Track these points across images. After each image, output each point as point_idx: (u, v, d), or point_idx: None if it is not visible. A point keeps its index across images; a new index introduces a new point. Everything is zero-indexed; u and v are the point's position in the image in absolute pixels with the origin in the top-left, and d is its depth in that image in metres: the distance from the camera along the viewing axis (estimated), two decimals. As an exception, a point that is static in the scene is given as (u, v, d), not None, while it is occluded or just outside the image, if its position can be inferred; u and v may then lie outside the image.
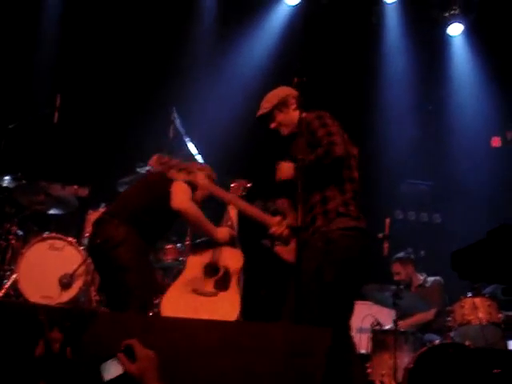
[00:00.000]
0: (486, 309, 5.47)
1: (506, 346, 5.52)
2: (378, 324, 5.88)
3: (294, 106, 4.17)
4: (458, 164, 8.02)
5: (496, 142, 7.95)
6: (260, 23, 8.22)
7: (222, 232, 4.65)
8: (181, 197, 4.36)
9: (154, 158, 4.30)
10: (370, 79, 8.05)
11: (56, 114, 6.39)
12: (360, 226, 3.83)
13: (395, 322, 5.50)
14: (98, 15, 7.76)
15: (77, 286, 5.61)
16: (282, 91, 4.26)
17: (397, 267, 6.53)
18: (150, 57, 7.79)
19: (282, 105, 4.20)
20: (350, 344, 3.87)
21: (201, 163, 5.14)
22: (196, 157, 6.00)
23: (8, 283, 5.62)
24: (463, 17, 8.00)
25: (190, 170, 4.30)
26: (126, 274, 4.13)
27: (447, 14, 8.08)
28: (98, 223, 4.39)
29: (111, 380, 2.25)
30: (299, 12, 8.26)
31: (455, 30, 8.16)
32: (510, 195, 7.33)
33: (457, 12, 8.02)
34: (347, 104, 7.56)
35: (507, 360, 5.00)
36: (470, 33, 8.17)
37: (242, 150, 7.49)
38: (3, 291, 5.55)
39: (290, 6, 8.29)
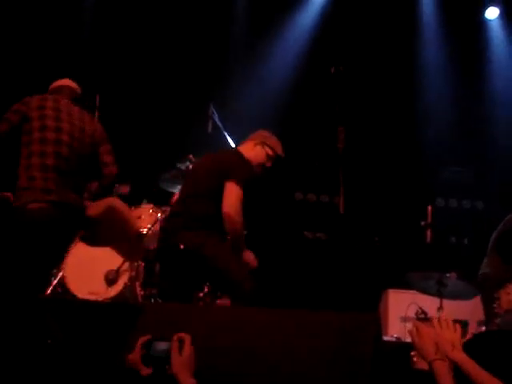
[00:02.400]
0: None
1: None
2: (423, 312, 5.84)
3: None
4: (499, 149, 7.92)
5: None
6: (294, 17, 8.22)
7: (250, 255, 4.72)
8: (231, 201, 4.44)
9: None
10: (409, 67, 7.98)
11: (96, 113, 6.48)
12: None
13: (439, 310, 5.47)
14: (135, 11, 7.83)
15: (122, 281, 5.68)
16: None
17: None
18: (188, 53, 7.84)
19: None
20: None
21: None
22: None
23: (55, 280, 5.72)
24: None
25: None
26: (228, 270, 4.40)
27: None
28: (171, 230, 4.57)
29: (154, 357, 2.41)
30: (333, 3, 8.23)
31: (492, 13, 8.08)
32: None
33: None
34: (386, 92, 7.54)
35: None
36: (507, 16, 8.06)
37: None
38: (50, 288, 5.65)
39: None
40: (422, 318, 5.76)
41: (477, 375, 2.47)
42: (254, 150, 4.82)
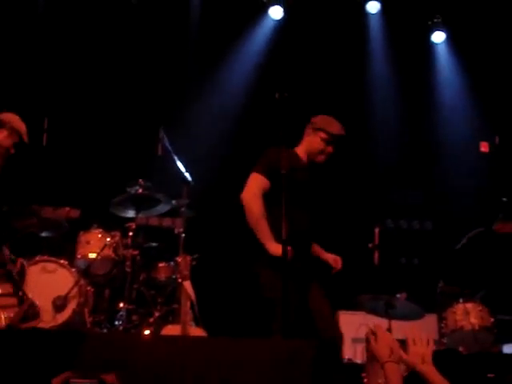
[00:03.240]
0: (478, 313, 5.51)
1: (499, 349, 5.56)
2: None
3: None
4: (447, 170, 8.07)
5: (485, 147, 8.02)
6: (246, 38, 8.28)
7: (277, 247, 4.16)
8: (249, 188, 4.33)
9: None
10: (356, 89, 8.10)
11: (45, 137, 6.43)
12: None
13: (388, 330, 5.51)
14: (83, 35, 7.79)
15: (70, 307, 5.63)
16: None
17: None
18: (140, 78, 7.83)
19: None
20: None
21: None
22: (185, 174, 6.04)
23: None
24: (445, 25, 8.13)
25: None
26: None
27: (430, 23, 8.20)
28: None
29: None
30: (284, 26, 8.31)
31: (438, 37, 8.28)
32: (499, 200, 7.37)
33: (439, 20, 8.14)
34: (333, 114, 7.63)
35: (501, 364, 5.03)
36: (453, 40, 8.26)
37: (230, 168, 7.53)
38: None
39: (274, 20, 8.35)
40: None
41: None
42: (306, 141, 4.61)
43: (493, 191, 7.25)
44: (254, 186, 4.33)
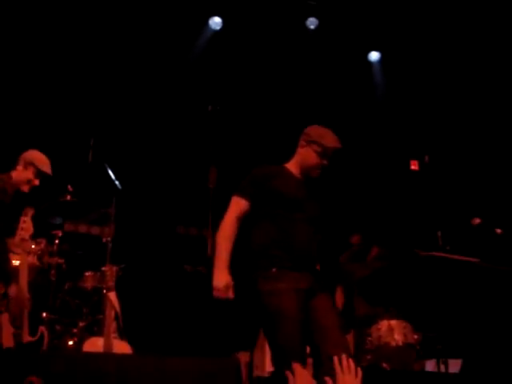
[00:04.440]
0: (402, 330, 5.59)
1: (421, 366, 5.66)
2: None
3: None
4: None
5: (414, 165, 8.16)
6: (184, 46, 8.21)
7: (222, 280, 3.89)
8: (227, 212, 4.01)
9: None
10: (290, 105, 8.15)
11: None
12: None
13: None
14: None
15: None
16: None
17: None
18: (72, 88, 7.67)
19: None
20: None
21: None
22: (115, 182, 5.97)
23: None
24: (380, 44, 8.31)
25: None
26: None
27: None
28: None
29: None
30: (222, 37, 8.29)
31: (374, 57, 8.46)
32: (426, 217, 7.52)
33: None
34: (265, 133, 7.66)
35: (422, 381, 5.13)
36: (388, 59, 8.43)
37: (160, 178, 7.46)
38: None
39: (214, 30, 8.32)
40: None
41: None
42: (300, 154, 4.27)
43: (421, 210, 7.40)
44: (231, 210, 4.02)
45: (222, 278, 3.85)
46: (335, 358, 2.71)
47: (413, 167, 8.11)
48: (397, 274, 3.83)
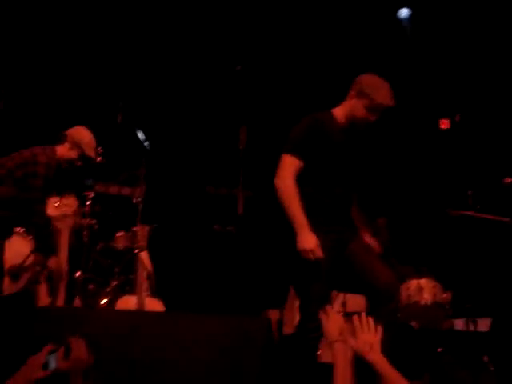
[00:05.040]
0: (431, 290, 5.60)
1: (450, 325, 5.68)
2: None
3: None
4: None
5: (445, 124, 8.06)
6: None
7: (310, 241, 3.79)
8: (279, 171, 3.94)
9: None
10: (320, 62, 8.02)
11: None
12: None
13: (343, 304, 5.61)
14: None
15: (25, 277, 5.56)
16: None
17: None
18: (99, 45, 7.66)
19: None
20: None
21: None
22: (145, 143, 6.00)
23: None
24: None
25: None
26: None
27: None
28: None
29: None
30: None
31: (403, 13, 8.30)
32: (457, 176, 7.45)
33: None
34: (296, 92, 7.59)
35: (450, 339, 5.15)
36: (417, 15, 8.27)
37: (190, 137, 7.46)
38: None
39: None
40: (344, 313, 5.87)
41: (387, 376, 2.57)
42: (348, 105, 4.08)
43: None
44: (284, 169, 3.93)
45: (309, 239, 3.76)
46: (354, 316, 2.78)
47: (443, 126, 8.05)
48: (428, 233, 3.83)
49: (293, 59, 7.78)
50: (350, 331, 2.80)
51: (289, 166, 3.90)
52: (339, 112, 4.10)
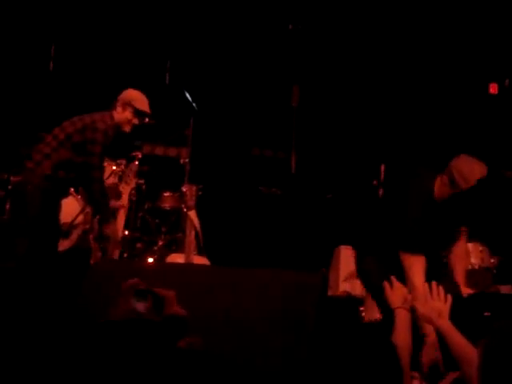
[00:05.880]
0: (478, 254, 5.56)
1: (497, 290, 5.64)
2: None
3: None
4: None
5: (494, 88, 7.92)
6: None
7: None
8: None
9: None
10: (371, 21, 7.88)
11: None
12: None
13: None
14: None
15: (75, 234, 5.68)
16: None
17: None
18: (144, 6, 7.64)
19: None
20: None
21: None
22: (192, 104, 6.03)
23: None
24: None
25: None
26: None
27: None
28: None
29: None
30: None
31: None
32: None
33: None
34: (343, 50, 7.48)
35: (498, 303, 5.12)
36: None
37: (237, 99, 7.43)
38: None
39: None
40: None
41: (455, 343, 2.58)
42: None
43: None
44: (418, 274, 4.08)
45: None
46: (425, 285, 2.79)
47: (492, 90, 7.91)
48: (480, 194, 3.79)
49: (345, 18, 7.64)
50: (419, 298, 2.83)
51: (418, 269, 4.05)
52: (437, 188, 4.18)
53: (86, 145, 5.07)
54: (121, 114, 5.24)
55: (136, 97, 5.31)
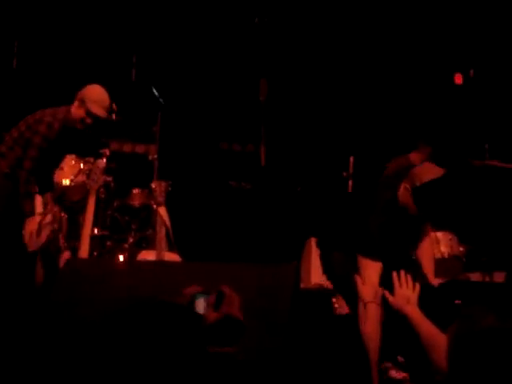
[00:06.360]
0: (448, 242, 5.63)
1: (467, 277, 5.71)
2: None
3: None
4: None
5: (459, 78, 7.99)
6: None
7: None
8: None
9: None
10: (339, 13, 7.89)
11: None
12: None
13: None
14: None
15: (44, 234, 5.61)
16: None
17: None
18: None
19: None
20: None
21: None
22: (160, 100, 6.00)
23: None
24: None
25: None
26: None
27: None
28: None
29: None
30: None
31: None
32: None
33: None
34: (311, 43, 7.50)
35: (468, 291, 5.18)
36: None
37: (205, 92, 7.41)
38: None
39: None
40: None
41: (423, 330, 2.62)
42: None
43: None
44: None
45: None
46: (394, 273, 2.81)
47: (457, 81, 7.98)
48: (448, 184, 3.85)
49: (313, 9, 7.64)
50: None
51: None
52: None
53: (32, 136, 5.05)
54: (76, 110, 5.18)
55: (92, 97, 5.19)
